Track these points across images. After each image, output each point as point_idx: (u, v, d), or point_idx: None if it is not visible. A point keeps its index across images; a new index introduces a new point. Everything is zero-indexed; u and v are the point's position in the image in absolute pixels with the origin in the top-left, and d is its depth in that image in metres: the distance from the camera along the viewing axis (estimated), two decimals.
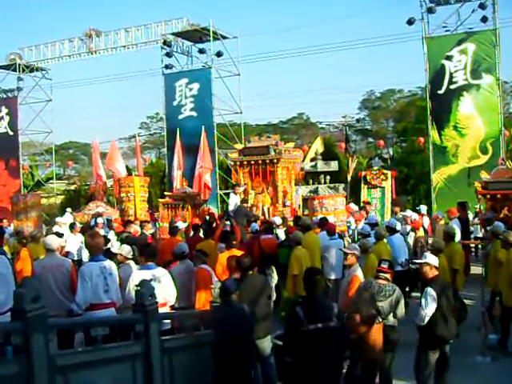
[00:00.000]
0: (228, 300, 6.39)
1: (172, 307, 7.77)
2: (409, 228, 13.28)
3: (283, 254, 10.67)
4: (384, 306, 6.87)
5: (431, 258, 7.02)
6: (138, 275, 7.31)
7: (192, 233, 12.87)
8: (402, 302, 7.01)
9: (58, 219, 17.11)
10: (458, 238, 13.47)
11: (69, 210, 17.67)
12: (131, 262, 8.34)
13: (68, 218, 17.64)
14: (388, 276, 7.15)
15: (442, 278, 7.52)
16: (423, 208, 15.94)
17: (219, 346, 6.24)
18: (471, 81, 20.84)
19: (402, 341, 7.01)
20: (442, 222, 14.06)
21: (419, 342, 6.87)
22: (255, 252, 11.20)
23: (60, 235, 12.49)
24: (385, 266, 7.22)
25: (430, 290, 6.64)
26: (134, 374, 5.56)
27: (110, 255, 8.15)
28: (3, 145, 29.41)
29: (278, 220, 13.22)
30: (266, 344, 7.17)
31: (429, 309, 6.60)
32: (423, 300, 6.67)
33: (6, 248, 9.34)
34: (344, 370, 6.50)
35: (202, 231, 13.04)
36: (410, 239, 12.77)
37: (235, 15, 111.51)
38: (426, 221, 15.53)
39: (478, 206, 15.88)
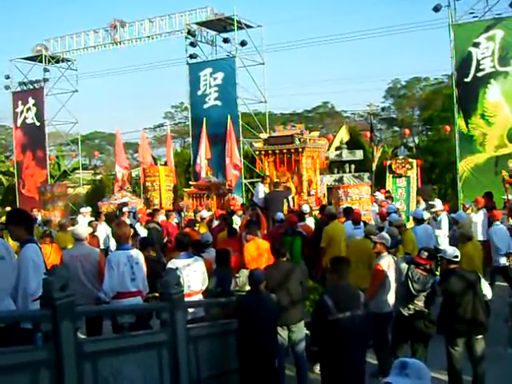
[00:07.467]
0: (256, 289, 6.42)
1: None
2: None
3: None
4: (419, 296, 6.92)
5: (447, 252, 6.99)
6: (172, 265, 7.44)
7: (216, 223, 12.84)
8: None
9: (81, 209, 17.29)
10: (481, 230, 13.30)
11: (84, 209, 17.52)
12: None
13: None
14: (427, 266, 7.08)
15: (467, 267, 7.47)
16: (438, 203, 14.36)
17: (245, 334, 6.28)
18: (499, 68, 20.41)
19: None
20: (470, 211, 13.89)
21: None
22: None
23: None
24: (423, 256, 7.13)
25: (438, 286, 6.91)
26: (160, 361, 5.63)
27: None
28: (30, 136, 29.68)
29: (306, 208, 13.10)
30: (299, 329, 7.21)
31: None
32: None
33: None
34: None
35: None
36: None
37: (259, 4, 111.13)
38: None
39: (505, 197, 15.47)
